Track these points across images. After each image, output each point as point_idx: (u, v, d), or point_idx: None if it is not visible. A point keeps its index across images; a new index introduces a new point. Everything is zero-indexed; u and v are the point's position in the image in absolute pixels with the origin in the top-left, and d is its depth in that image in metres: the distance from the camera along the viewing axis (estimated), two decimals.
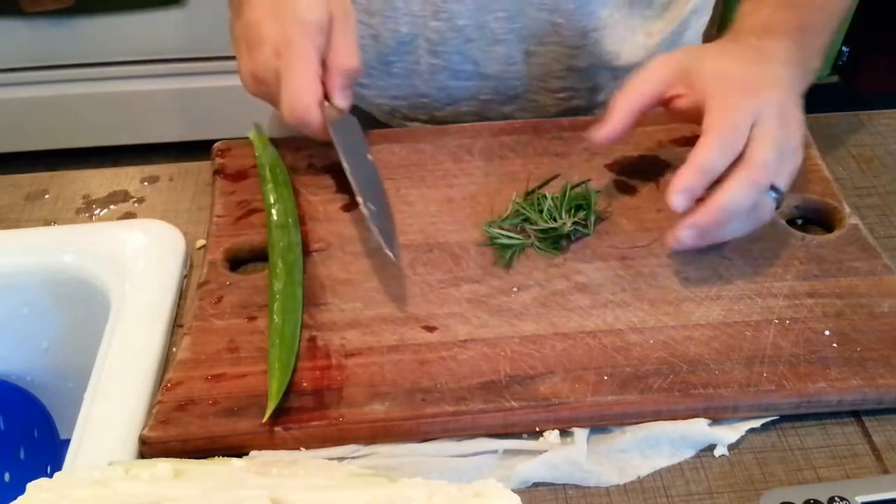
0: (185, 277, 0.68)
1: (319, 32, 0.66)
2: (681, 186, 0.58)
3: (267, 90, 0.68)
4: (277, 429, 0.54)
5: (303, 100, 0.65)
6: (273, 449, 0.55)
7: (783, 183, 0.61)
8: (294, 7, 0.66)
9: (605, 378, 0.56)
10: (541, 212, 0.66)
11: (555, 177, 0.70)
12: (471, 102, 0.86)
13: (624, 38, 0.83)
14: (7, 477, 0.73)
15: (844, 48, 2.14)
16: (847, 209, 0.69)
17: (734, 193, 0.59)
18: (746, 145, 0.59)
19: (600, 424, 0.56)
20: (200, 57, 2.09)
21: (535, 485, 0.54)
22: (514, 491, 0.48)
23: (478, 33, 0.80)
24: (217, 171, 0.74)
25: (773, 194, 0.61)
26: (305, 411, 0.55)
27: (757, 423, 0.56)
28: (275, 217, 0.67)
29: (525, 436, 0.56)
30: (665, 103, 0.66)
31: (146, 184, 0.77)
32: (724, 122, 0.60)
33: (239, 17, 0.70)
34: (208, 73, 2.12)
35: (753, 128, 0.60)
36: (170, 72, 2.10)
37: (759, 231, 0.67)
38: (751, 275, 0.64)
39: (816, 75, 0.68)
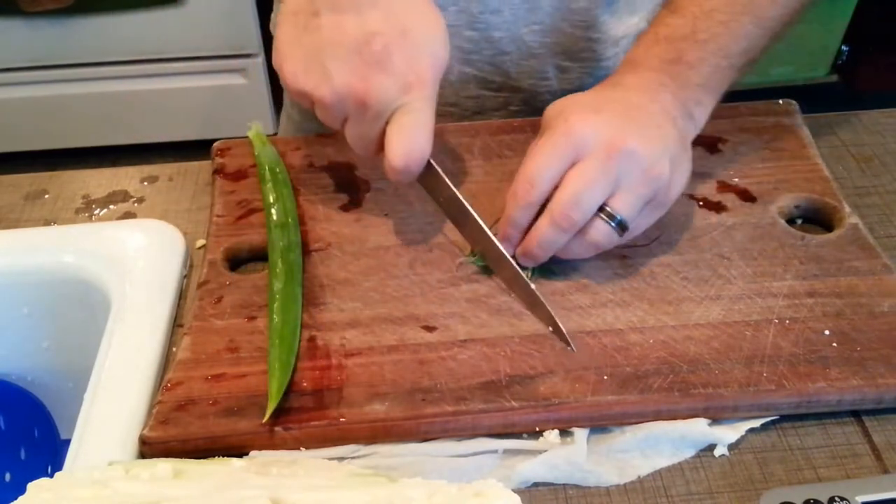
0: (185, 277, 0.68)
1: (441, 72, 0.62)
2: (502, 231, 0.62)
3: (342, 108, 0.61)
4: (277, 429, 0.54)
5: (425, 152, 0.61)
6: (273, 449, 0.55)
7: (623, 210, 0.59)
8: (432, 42, 0.61)
9: (605, 378, 0.56)
10: None
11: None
12: (500, 113, 0.85)
13: None
14: (7, 477, 0.73)
15: (844, 47, 2.14)
16: (847, 209, 0.69)
17: (540, 230, 0.60)
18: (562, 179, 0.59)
19: (600, 424, 0.56)
20: (200, 57, 2.09)
21: (535, 485, 0.54)
22: (514, 491, 0.48)
23: (512, 46, 0.80)
24: (217, 171, 0.74)
25: (611, 222, 0.59)
26: (305, 411, 0.55)
27: (757, 423, 0.56)
28: (274, 217, 0.67)
29: (525, 436, 0.56)
30: None
31: (146, 184, 0.77)
32: (529, 164, 0.60)
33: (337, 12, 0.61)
34: (208, 72, 2.12)
35: (576, 161, 0.59)
36: (170, 72, 2.11)
37: (758, 231, 0.67)
38: (750, 274, 0.64)
39: (704, 109, 0.65)
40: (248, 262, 0.67)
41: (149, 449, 0.54)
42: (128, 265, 0.66)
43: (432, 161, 0.63)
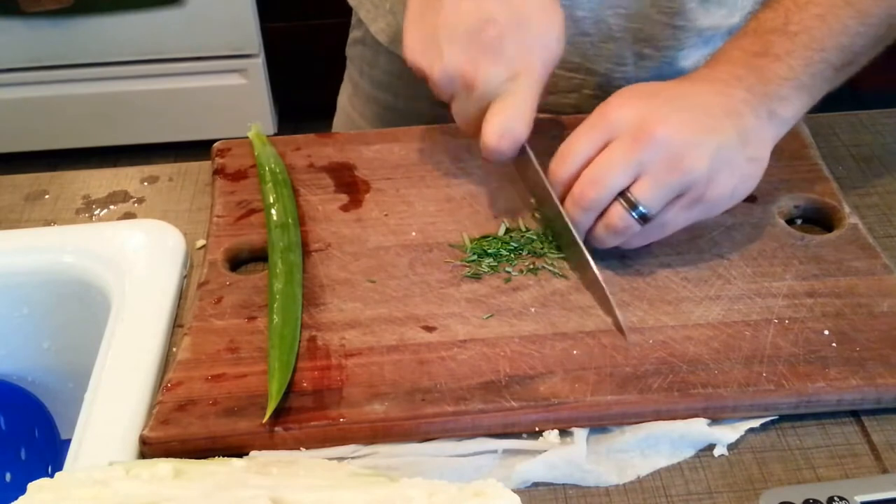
0: (185, 277, 0.68)
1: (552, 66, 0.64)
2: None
3: (450, 87, 0.63)
4: (277, 429, 0.54)
5: (519, 135, 0.62)
6: (273, 449, 0.55)
7: (642, 197, 0.58)
8: (545, 35, 0.63)
9: (605, 378, 0.56)
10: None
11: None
12: (572, 95, 0.84)
13: None
14: (8, 477, 0.73)
15: None
16: (847, 209, 0.69)
17: (565, 207, 0.62)
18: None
19: (600, 424, 0.56)
20: (200, 57, 2.09)
21: (535, 484, 0.54)
22: (514, 491, 0.48)
23: (594, 28, 0.78)
24: (217, 171, 0.74)
25: (629, 208, 0.59)
26: (305, 411, 0.55)
27: (756, 423, 0.56)
28: (274, 217, 0.67)
29: (525, 436, 0.56)
30: None
31: (146, 184, 0.77)
32: (566, 141, 0.61)
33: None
34: (208, 72, 2.12)
35: (609, 142, 0.60)
36: (170, 72, 2.11)
37: (758, 231, 0.67)
38: (750, 274, 0.64)
39: (792, 107, 0.62)
40: (248, 262, 0.68)
41: (149, 449, 0.54)
42: (128, 265, 0.66)
43: (527, 146, 0.64)
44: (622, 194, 0.59)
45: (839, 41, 0.62)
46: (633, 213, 0.59)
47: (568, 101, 0.84)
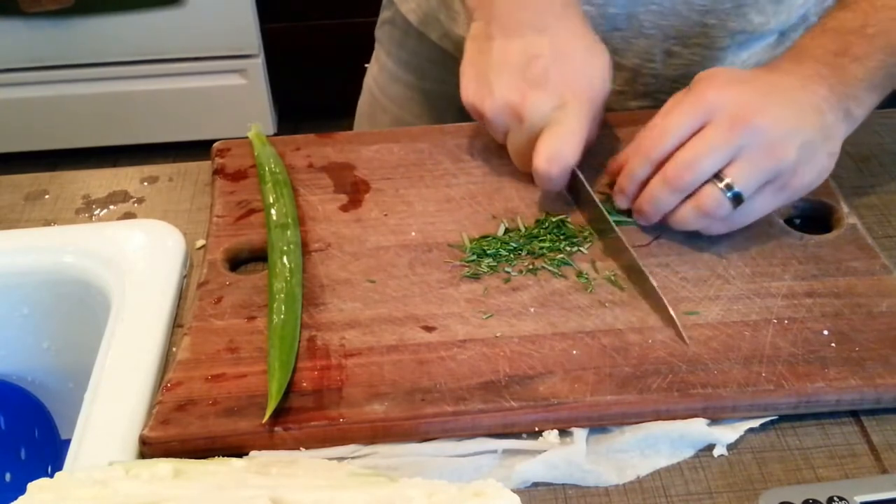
0: (185, 277, 0.68)
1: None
2: (619, 183, 0.66)
3: (502, 120, 0.67)
4: (277, 429, 0.54)
5: (568, 160, 0.65)
6: (273, 449, 0.55)
7: (738, 179, 0.60)
8: (591, 69, 0.67)
9: (604, 378, 0.57)
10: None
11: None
12: None
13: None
14: (8, 477, 0.73)
15: None
16: (845, 209, 0.69)
17: (652, 187, 0.63)
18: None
19: (599, 424, 0.56)
20: (200, 57, 2.10)
21: (535, 484, 0.54)
22: (514, 491, 0.48)
23: (626, 23, 0.79)
24: (217, 171, 0.74)
25: (724, 189, 0.61)
26: (305, 411, 0.55)
27: (756, 423, 0.56)
28: (274, 217, 0.67)
29: (524, 436, 0.56)
30: None
31: (146, 184, 0.77)
32: (658, 120, 0.63)
33: (507, 35, 0.67)
34: (208, 72, 2.12)
35: (704, 126, 0.61)
36: (170, 72, 2.11)
37: (757, 231, 0.67)
38: (749, 274, 0.64)
39: (863, 107, 0.65)
40: (248, 262, 0.68)
41: (149, 449, 0.54)
42: (128, 265, 0.66)
43: (577, 171, 0.67)
44: (716, 176, 0.61)
45: None
46: (729, 195, 0.61)
47: None
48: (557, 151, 0.65)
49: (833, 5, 0.68)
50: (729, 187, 0.61)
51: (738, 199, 0.61)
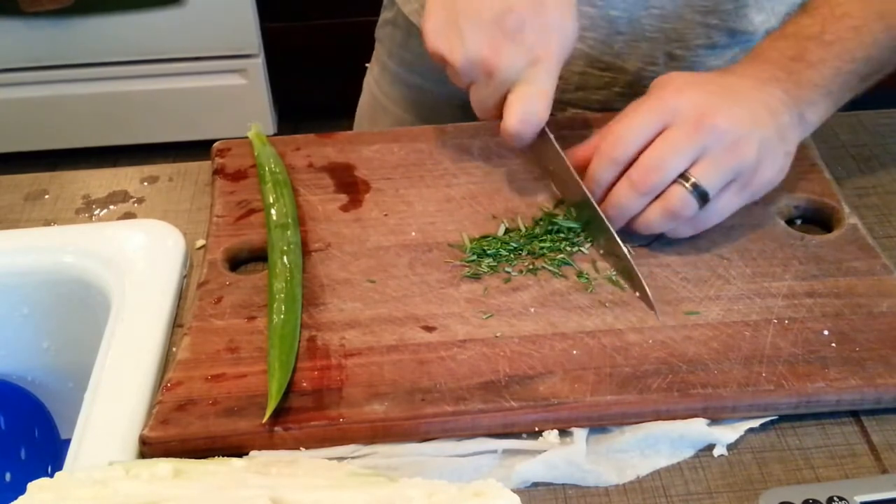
0: (185, 277, 0.68)
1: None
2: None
3: (471, 73, 0.65)
4: (277, 429, 0.54)
5: (541, 119, 0.65)
6: (273, 449, 0.55)
7: (703, 178, 0.61)
8: (563, 21, 0.65)
9: (604, 378, 0.56)
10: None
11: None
12: (601, 92, 0.85)
13: None
14: (8, 477, 0.73)
15: None
16: (846, 209, 0.69)
17: (618, 191, 0.63)
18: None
19: (599, 424, 0.56)
20: (200, 57, 2.09)
21: (535, 484, 0.54)
22: (514, 491, 0.48)
23: (628, 27, 0.79)
24: (217, 171, 0.74)
25: (690, 188, 0.61)
26: (305, 411, 0.55)
27: (756, 423, 0.56)
28: (274, 217, 0.67)
29: (524, 436, 0.56)
30: None
31: (146, 184, 0.77)
32: (620, 122, 0.63)
33: None
34: (208, 72, 2.12)
35: (665, 128, 0.62)
36: (170, 72, 2.11)
37: (757, 231, 0.67)
38: (750, 275, 0.64)
39: (818, 112, 0.66)
40: (248, 262, 0.68)
41: (149, 449, 0.54)
42: (128, 265, 0.66)
43: (547, 129, 0.66)
44: (682, 176, 0.61)
45: (869, 53, 0.65)
46: (695, 194, 0.61)
47: (596, 98, 0.85)
48: (531, 111, 0.64)
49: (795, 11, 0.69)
50: (695, 186, 0.61)
51: (704, 198, 0.61)
